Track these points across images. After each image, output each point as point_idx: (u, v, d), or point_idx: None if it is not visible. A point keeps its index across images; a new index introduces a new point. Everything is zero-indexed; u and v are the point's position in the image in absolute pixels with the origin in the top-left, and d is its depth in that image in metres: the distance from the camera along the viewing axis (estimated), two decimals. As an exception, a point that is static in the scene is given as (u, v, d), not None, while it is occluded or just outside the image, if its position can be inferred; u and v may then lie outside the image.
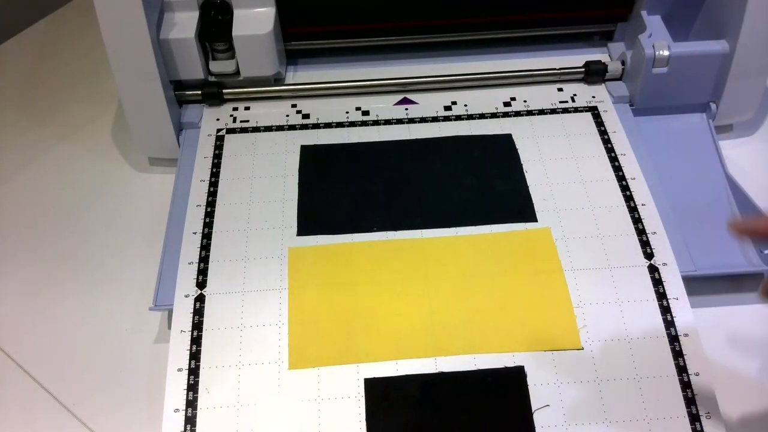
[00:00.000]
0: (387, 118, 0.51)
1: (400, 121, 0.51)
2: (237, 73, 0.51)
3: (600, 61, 0.53)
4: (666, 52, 0.48)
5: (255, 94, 0.52)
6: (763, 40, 0.48)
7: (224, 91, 0.52)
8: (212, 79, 0.52)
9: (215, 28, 0.50)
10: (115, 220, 0.50)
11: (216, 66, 0.51)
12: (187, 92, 0.52)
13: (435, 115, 0.51)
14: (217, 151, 0.49)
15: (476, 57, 0.56)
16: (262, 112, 0.52)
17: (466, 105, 0.52)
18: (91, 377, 0.42)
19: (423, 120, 0.51)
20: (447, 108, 0.51)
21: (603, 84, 0.53)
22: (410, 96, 0.52)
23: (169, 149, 0.51)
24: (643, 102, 0.51)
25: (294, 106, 0.52)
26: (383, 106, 0.52)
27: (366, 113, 0.51)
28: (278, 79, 0.54)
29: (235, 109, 0.52)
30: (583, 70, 0.53)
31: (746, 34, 0.47)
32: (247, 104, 0.52)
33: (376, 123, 0.51)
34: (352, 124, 0.51)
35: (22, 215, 0.52)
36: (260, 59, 0.51)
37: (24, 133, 0.58)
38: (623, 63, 0.53)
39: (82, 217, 0.51)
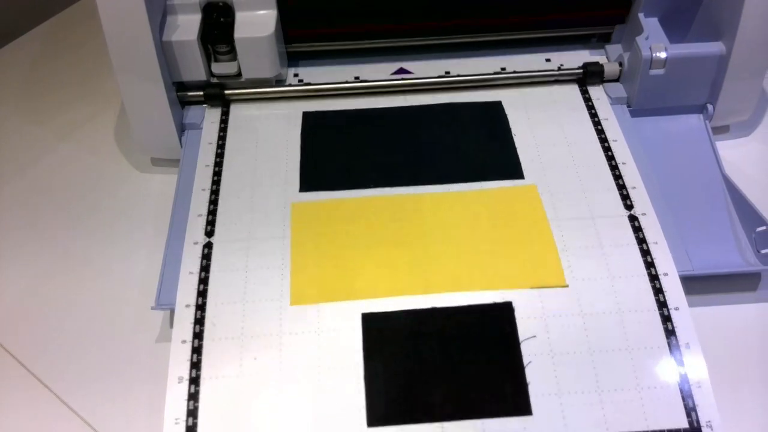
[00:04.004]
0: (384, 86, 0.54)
1: (396, 90, 0.54)
2: (239, 74, 0.52)
3: (597, 62, 0.53)
4: (663, 54, 0.49)
5: (257, 95, 0.53)
6: (759, 41, 0.48)
7: (226, 92, 0.52)
8: (214, 80, 0.52)
9: (217, 31, 0.51)
10: (116, 220, 0.51)
11: (218, 68, 0.52)
12: (189, 93, 0.52)
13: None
14: (223, 117, 0.52)
15: (476, 58, 0.56)
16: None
17: (459, 75, 0.54)
18: (94, 375, 0.42)
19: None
20: (441, 77, 0.54)
21: (601, 85, 0.53)
22: (406, 66, 0.56)
23: (171, 150, 0.52)
24: (640, 103, 0.51)
25: (296, 75, 0.55)
26: (380, 75, 0.55)
27: (364, 82, 0.54)
28: (280, 81, 0.54)
29: None
30: (580, 71, 0.53)
31: (743, 36, 0.48)
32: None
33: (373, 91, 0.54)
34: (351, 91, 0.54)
35: (24, 215, 0.52)
36: (262, 61, 0.51)
37: (26, 133, 0.59)
38: (621, 65, 0.53)
39: (84, 217, 0.51)
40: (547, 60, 0.56)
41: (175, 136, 0.51)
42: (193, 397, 0.38)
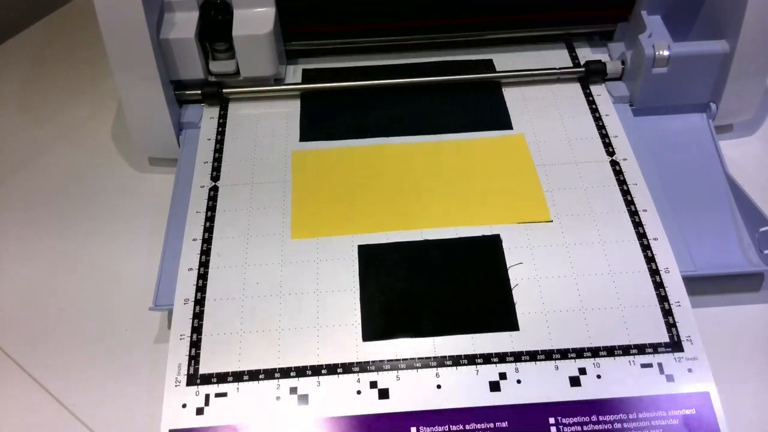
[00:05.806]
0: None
1: (393, 49, 0.56)
2: (237, 73, 0.52)
3: (600, 60, 0.53)
4: (666, 52, 0.48)
5: (255, 94, 0.53)
6: (763, 39, 0.48)
7: (224, 90, 0.52)
8: (212, 79, 0.52)
9: (215, 28, 0.50)
10: (113, 220, 0.50)
11: (216, 66, 0.51)
12: (187, 92, 0.52)
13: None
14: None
15: (477, 57, 0.56)
16: None
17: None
18: (91, 376, 0.42)
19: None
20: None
21: (603, 84, 0.53)
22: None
23: (169, 149, 0.51)
24: (643, 102, 0.51)
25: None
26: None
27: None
28: (278, 79, 0.54)
29: None
30: (583, 69, 0.53)
31: (746, 34, 0.47)
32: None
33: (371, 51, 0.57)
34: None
35: (22, 215, 0.52)
36: (260, 59, 0.51)
37: (23, 132, 0.58)
38: (623, 63, 0.52)
39: (81, 217, 0.51)
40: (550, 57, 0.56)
41: (172, 135, 0.50)
42: (198, 316, 0.41)
